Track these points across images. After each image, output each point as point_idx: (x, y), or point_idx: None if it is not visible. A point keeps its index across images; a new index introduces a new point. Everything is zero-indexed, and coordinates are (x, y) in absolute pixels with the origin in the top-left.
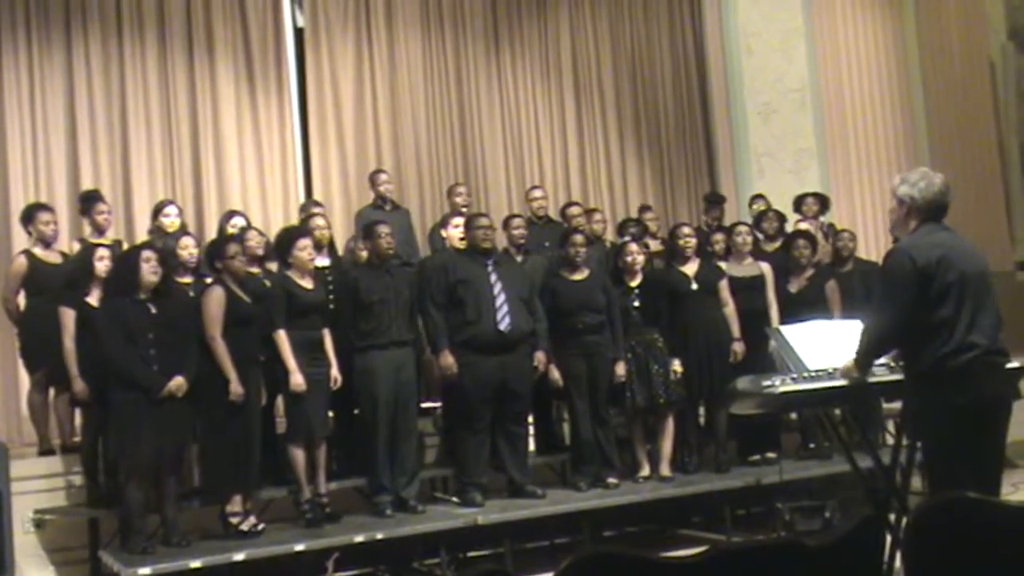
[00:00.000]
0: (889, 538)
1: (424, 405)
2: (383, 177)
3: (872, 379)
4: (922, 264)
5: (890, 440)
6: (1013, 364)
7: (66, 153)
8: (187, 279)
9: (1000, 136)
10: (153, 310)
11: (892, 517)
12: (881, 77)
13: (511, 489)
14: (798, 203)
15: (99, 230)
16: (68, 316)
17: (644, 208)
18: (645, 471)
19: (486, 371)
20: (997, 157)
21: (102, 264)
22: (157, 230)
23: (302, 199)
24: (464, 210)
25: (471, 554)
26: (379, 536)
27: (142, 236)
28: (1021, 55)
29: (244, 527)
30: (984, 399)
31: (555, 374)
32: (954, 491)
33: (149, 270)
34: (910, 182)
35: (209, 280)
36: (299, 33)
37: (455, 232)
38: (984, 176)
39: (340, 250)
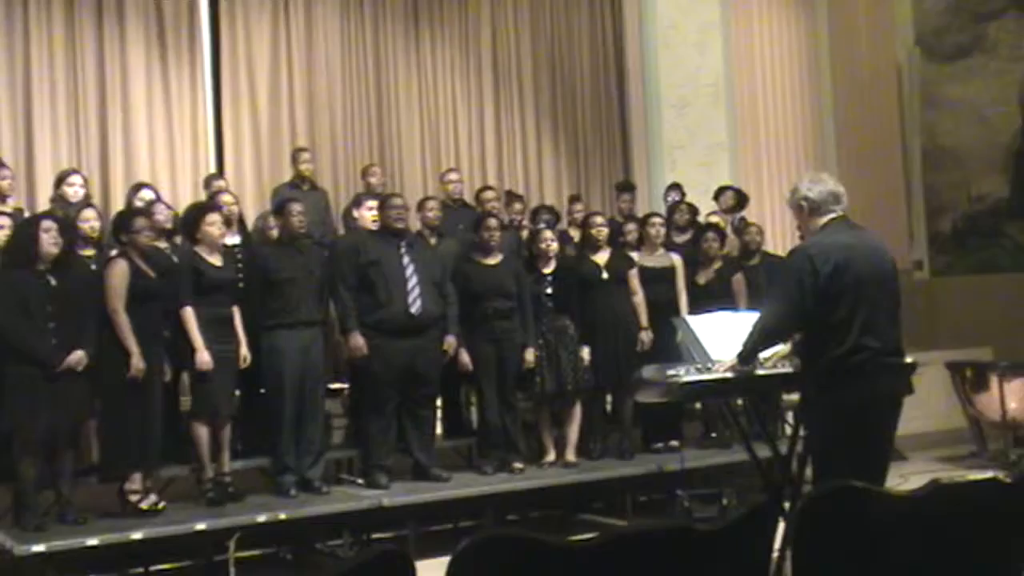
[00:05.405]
0: (783, 525)
1: (332, 386)
2: (304, 156)
3: (770, 372)
4: (820, 266)
5: (788, 431)
6: (905, 360)
7: None
8: (89, 251)
9: (904, 138)
10: (53, 282)
11: (787, 505)
12: (792, 76)
13: (416, 472)
14: (718, 194)
15: (0, 196)
16: None
17: (574, 198)
18: (551, 456)
19: (395, 354)
20: (900, 159)
21: (1, 233)
22: (59, 199)
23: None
24: (379, 191)
25: (375, 536)
26: (282, 516)
27: (44, 205)
28: (926, 61)
29: (143, 505)
30: (875, 398)
31: (465, 358)
32: (840, 480)
33: (49, 241)
34: (801, 186)
35: (113, 253)
36: (214, 3)
37: (368, 214)
38: (887, 176)
39: (250, 227)
